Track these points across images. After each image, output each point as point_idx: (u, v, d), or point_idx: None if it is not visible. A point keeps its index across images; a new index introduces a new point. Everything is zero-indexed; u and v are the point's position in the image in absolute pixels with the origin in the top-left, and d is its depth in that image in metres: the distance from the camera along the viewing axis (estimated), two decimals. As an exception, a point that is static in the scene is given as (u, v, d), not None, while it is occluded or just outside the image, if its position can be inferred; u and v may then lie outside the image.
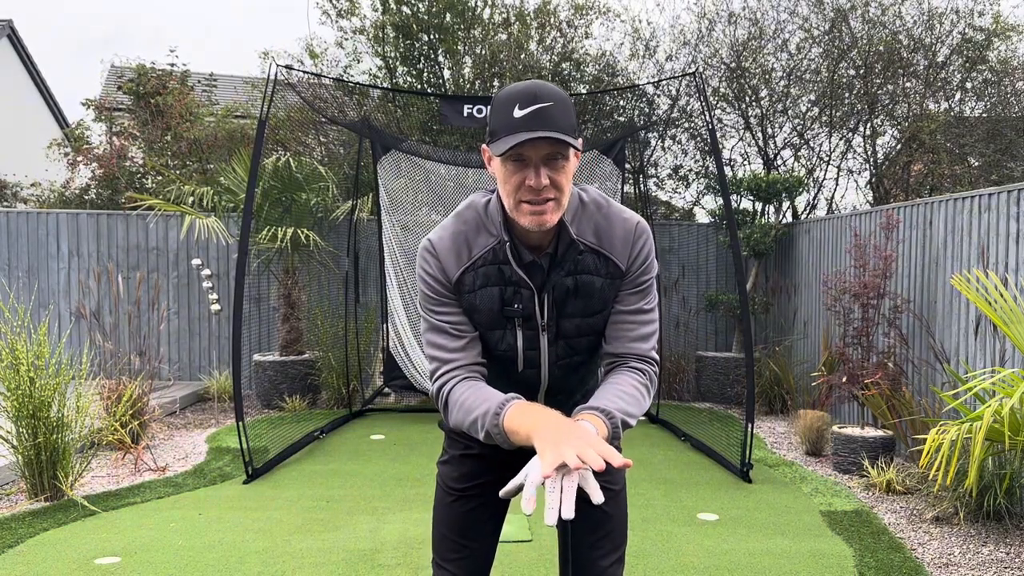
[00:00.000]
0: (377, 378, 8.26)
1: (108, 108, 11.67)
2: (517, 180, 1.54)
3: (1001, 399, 3.67)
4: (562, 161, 1.54)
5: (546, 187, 1.53)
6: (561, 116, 1.52)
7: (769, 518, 4.48)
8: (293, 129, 9.87)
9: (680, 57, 9.73)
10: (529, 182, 1.53)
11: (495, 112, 1.55)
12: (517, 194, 1.55)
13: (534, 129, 1.49)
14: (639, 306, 1.70)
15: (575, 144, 1.51)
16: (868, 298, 5.55)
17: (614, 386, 1.62)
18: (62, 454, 4.67)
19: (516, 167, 1.54)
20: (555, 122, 1.50)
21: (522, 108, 1.50)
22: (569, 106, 1.55)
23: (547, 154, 1.52)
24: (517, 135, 1.49)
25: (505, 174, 1.56)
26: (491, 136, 1.57)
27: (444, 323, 1.67)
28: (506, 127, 1.52)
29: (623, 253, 1.67)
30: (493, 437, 1.54)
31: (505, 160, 1.54)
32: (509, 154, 1.52)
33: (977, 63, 8.95)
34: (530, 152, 1.52)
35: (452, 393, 1.63)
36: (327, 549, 3.93)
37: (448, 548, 1.87)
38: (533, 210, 1.55)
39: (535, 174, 1.52)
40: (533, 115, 1.49)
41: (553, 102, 1.51)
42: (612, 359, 1.71)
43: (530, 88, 1.52)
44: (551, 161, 1.53)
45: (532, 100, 1.51)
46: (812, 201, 9.97)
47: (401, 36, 9.36)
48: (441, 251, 1.67)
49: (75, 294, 8.61)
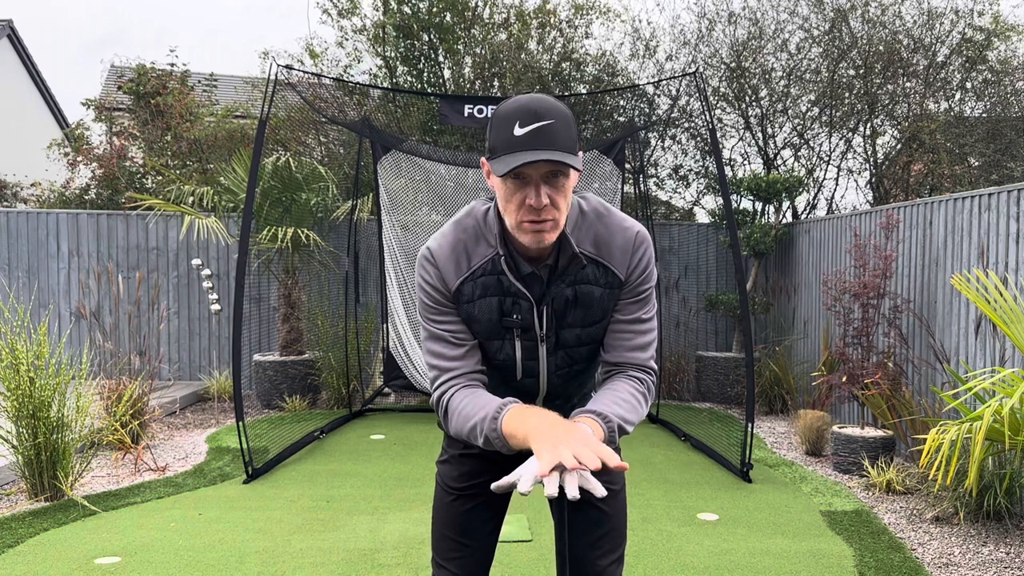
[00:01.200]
0: (377, 378, 8.26)
1: (108, 108, 11.68)
2: (518, 199, 1.53)
3: (1001, 399, 3.67)
4: (562, 179, 1.53)
5: (546, 207, 1.52)
6: (562, 134, 1.50)
7: (769, 518, 4.48)
8: (293, 129, 9.88)
9: (680, 57, 9.74)
10: (529, 201, 1.51)
11: (495, 128, 1.54)
12: (518, 213, 1.54)
13: (535, 148, 1.48)
14: (638, 315, 1.70)
15: (574, 164, 1.50)
16: (868, 298, 5.55)
17: (611, 392, 1.62)
18: (62, 454, 4.67)
19: (516, 185, 1.53)
20: (556, 141, 1.49)
21: (523, 126, 1.49)
22: (570, 122, 1.53)
23: (547, 172, 1.51)
24: (517, 155, 1.48)
25: (506, 192, 1.55)
26: (491, 153, 1.55)
27: (444, 331, 1.67)
28: (506, 145, 1.50)
29: (622, 263, 1.67)
30: (492, 442, 1.54)
31: (505, 179, 1.53)
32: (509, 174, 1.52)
33: (977, 63, 8.95)
34: (530, 171, 1.50)
35: (451, 402, 1.63)
36: (327, 549, 3.93)
37: (448, 547, 1.87)
38: (534, 229, 1.54)
39: (535, 193, 1.51)
40: (534, 134, 1.48)
41: (554, 119, 1.50)
42: (610, 367, 1.71)
43: (531, 105, 1.51)
44: (551, 179, 1.52)
45: (533, 118, 1.49)
46: (812, 201, 9.98)
47: (401, 36, 9.36)
48: (440, 260, 1.66)
49: (75, 294, 8.61)
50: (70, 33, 75.63)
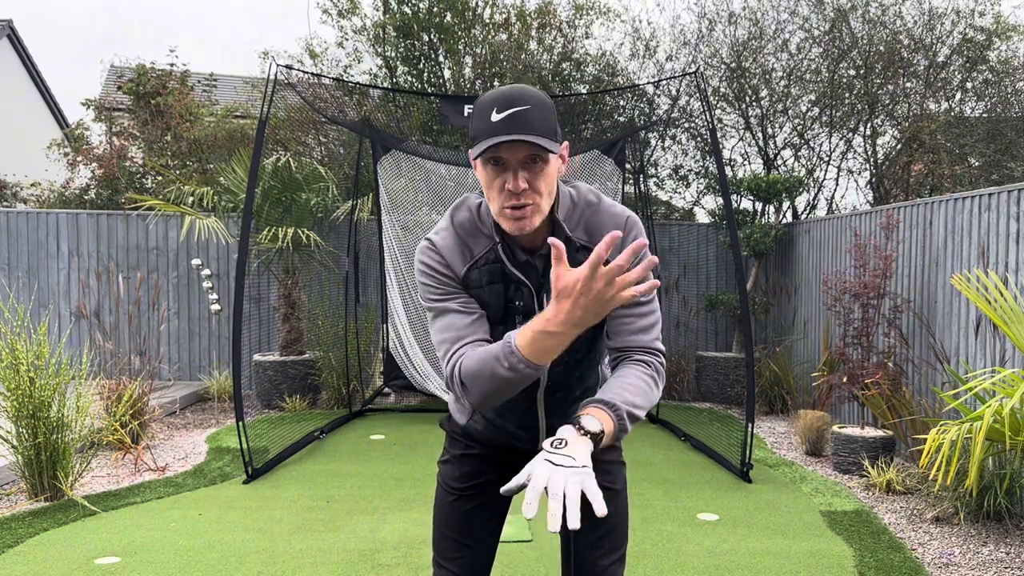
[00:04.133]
0: (377, 378, 8.26)
1: (108, 108, 11.67)
2: (498, 184, 1.56)
3: (1001, 399, 3.67)
4: (540, 164, 1.55)
5: (524, 191, 1.54)
6: (538, 119, 1.53)
7: (769, 518, 4.48)
8: (293, 129, 9.87)
9: (680, 57, 9.74)
10: (508, 185, 1.54)
11: (475, 116, 1.58)
12: (500, 199, 1.57)
13: (510, 132, 1.50)
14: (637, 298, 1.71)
15: (550, 147, 1.52)
16: (868, 298, 5.55)
17: (619, 379, 1.62)
18: (62, 454, 4.67)
19: (496, 171, 1.56)
20: (531, 126, 1.52)
21: (499, 112, 1.52)
22: (549, 109, 1.56)
23: (525, 157, 1.54)
24: (492, 138, 1.51)
25: (486, 178, 1.58)
26: (472, 141, 1.59)
27: (453, 304, 1.67)
28: (484, 131, 1.54)
29: (615, 248, 1.67)
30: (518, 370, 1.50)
31: (485, 164, 1.56)
32: (487, 157, 1.55)
33: (978, 63, 8.95)
34: (507, 155, 1.53)
35: (463, 364, 1.60)
36: (327, 549, 3.93)
37: (448, 547, 1.87)
38: (514, 215, 1.56)
39: (513, 177, 1.54)
40: (509, 118, 1.51)
41: (530, 105, 1.53)
42: (616, 354, 1.72)
43: (508, 92, 1.54)
44: (529, 164, 1.54)
45: (509, 104, 1.52)
46: (812, 201, 9.98)
47: (401, 36, 9.36)
48: (444, 249, 1.69)
49: (75, 294, 8.60)
50: (70, 33, 75.64)
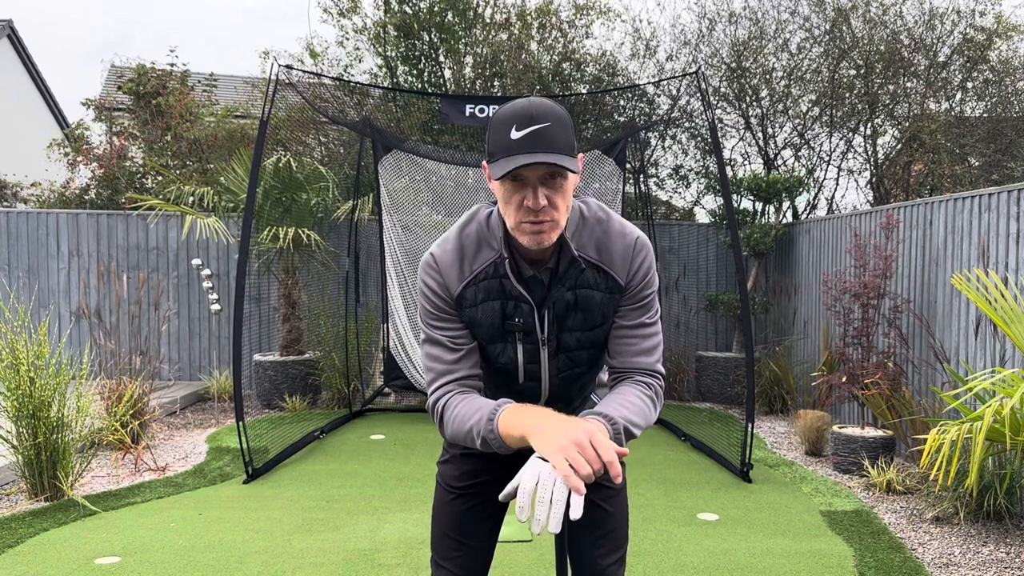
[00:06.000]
0: (377, 378, 8.26)
1: (108, 108, 11.67)
2: (516, 201, 1.55)
3: (1001, 399, 3.67)
4: (560, 180, 1.54)
5: (544, 208, 1.53)
6: (558, 136, 1.51)
7: (769, 518, 4.48)
8: (294, 129, 9.87)
9: (680, 57, 9.74)
10: (527, 203, 1.53)
11: (493, 132, 1.56)
12: (517, 215, 1.56)
13: (531, 151, 1.49)
14: (641, 320, 1.71)
15: (571, 167, 1.51)
16: (868, 298, 5.55)
17: (619, 396, 1.63)
18: (62, 454, 4.67)
19: (514, 187, 1.54)
20: (552, 143, 1.50)
21: (519, 129, 1.50)
22: (567, 124, 1.54)
23: (544, 174, 1.52)
24: (514, 158, 1.49)
25: (504, 195, 1.56)
26: (490, 157, 1.57)
27: (442, 336, 1.69)
28: (503, 149, 1.52)
29: (622, 268, 1.68)
30: (490, 444, 1.55)
31: (503, 181, 1.54)
32: (506, 176, 1.53)
33: (978, 63, 8.95)
34: (528, 173, 1.52)
35: (447, 407, 1.65)
36: (327, 549, 3.93)
37: (447, 547, 1.88)
38: (532, 230, 1.55)
39: (533, 195, 1.52)
40: (530, 137, 1.49)
41: (550, 122, 1.51)
42: (617, 373, 1.72)
43: (527, 108, 1.52)
44: (549, 181, 1.53)
45: (529, 121, 1.50)
46: (812, 201, 9.97)
47: (402, 35, 9.36)
48: (443, 266, 1.68)
49: (75, 294, 8.61)
50: (70, 34, 75.65)
